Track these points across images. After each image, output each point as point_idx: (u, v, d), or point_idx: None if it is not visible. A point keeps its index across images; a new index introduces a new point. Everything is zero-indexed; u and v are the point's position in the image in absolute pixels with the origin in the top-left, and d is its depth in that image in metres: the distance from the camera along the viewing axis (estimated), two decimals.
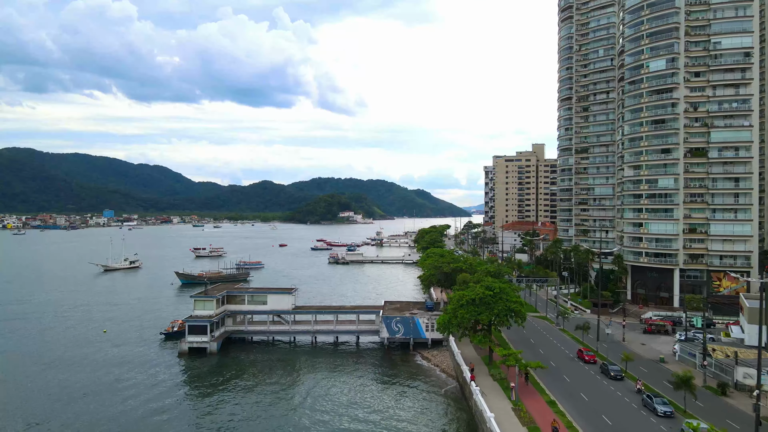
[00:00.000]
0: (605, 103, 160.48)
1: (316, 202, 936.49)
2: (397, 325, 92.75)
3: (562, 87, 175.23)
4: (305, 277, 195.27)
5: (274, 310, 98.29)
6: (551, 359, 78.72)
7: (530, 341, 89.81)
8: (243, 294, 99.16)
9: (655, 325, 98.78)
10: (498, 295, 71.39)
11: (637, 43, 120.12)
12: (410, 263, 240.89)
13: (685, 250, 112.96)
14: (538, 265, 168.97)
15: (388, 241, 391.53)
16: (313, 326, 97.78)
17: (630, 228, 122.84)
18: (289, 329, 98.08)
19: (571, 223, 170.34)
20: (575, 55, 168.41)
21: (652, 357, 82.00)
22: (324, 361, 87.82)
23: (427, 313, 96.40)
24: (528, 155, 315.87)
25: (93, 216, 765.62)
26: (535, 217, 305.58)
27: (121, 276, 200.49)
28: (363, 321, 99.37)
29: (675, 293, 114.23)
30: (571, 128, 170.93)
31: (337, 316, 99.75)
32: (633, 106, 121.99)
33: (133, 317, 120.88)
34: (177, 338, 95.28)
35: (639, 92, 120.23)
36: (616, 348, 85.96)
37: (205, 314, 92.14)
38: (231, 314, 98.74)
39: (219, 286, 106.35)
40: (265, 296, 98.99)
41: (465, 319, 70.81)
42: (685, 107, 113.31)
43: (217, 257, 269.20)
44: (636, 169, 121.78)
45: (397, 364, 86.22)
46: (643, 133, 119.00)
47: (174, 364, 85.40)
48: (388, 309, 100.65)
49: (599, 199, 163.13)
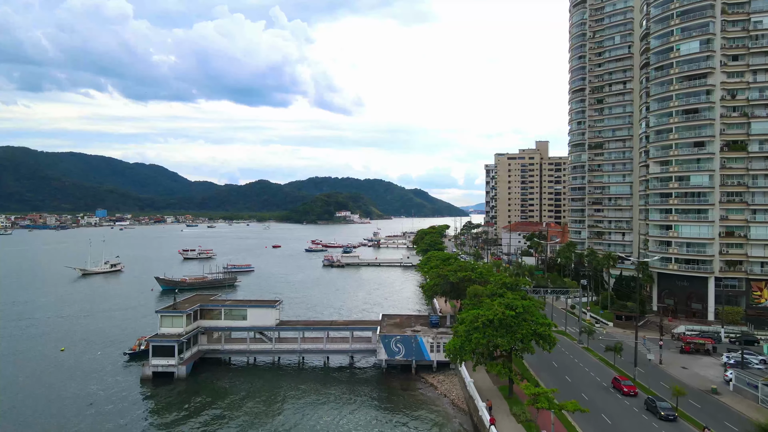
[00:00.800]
0: (622, 94, 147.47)
1: (312, 202, 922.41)
2: (397, 345, 79.70)
3: (573, 77, 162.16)
4: (296, 282, 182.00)
5: (254, 327, 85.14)
6: (582, 389, 65.80)
7: (552, 364, 76.89)
8: (219, 308, 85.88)
9: (694, 343, 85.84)
10: (521, 315, 58.40)
11: (666, 23, 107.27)
12: (409, 266, 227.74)
13: (721, 256, 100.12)
14: (542, 267, 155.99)
15: (386, 242, 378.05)
16: (300, 345, 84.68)
17: (656, 231, 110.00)
18: (273, 348, 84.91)
19: (584, 225, 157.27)
20: (588, 43, 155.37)
21: (698, 386, 69.05)
22: (312, 387, 74.87)
23: (431, 331, 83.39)
24: (531, 153, 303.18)
25: (85, 216, 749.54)
26: (539, 218, 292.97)
27: (99, 281, 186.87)
28: (358, 338, 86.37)
29: (709, 305, 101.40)
30: (583, 122, 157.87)
31: (328, 333, 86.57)
32: (660, 94, 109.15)
33: (99, 331, 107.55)
34: (144, 359, 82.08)
35: (667, 79, 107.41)
36: (654, 373, 73.15)
37: (173, 332, 78.92)
38: (206, 331, 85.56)
39: (192, 298, 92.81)
40: (244, 310, 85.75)
41: (481, 344, 57.78)
42: (722, 95, 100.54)
43: (206, 259, 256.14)
44: (664, 165, 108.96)
45: (397, 392, 73.33)
46: (673, 124, 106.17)
47: (134, 393, 72.25)
48: (386, 324, 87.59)
49: (615, 199, 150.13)
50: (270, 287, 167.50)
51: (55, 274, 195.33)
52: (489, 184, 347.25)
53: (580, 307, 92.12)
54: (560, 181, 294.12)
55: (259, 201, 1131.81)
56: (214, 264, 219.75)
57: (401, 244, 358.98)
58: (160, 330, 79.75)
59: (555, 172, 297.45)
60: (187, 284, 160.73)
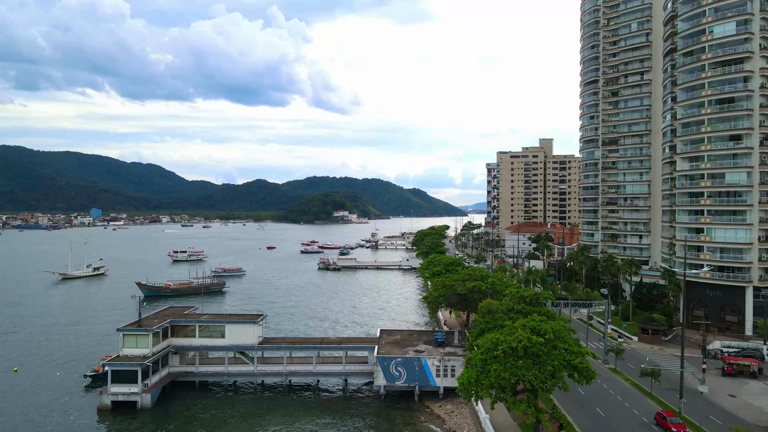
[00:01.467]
0: (639, 85, 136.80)
1: (309, 201, 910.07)
2: (398, 368, 68.69)
3: (586, 69, 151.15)
4: (289, 287, 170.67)
5: (234, 345, 74.06)
6: (619, 427, 54.96)
7: (579, 392, 65.85)
8: (193, 324, 74.64)
9: (737, 364, 74.97)
10: (551, 342, 47.45)
11: (696, 3, 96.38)
12: (409, 269, 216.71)
13: (761, 263, 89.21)
14: (545, 271, 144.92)
15: (384, 242, 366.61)
16: (287, 366, 73.65)
17: (684, 234, 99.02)
18: (255, 370, 73.82)
19: (597, 227, 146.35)
20: (602, 32, 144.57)
21: (754, 419, 58.17)
22: (299, 416, 64.26)
23: (437, 351, 72.40)
24: (535, 151, 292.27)
25: (78, 215, 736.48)
26: (543, 218, 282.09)
27: (80, 286, 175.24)
28: (353, 359, 75.41)
29: (747, 317, 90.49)
30: (597, 116, 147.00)
31: (319, 352, 75.56)
32: (690, 82, 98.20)
33: (65, 346, 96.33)
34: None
35: (698, 65, 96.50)
36: (700, 404, 62.25)
37: (137, 354, 67.83)
38: (177, 350, 74.46)
39: (163, 312, 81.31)
40: (222, 326, 74.58)
41: (502, 378, 46.77)
42: (762, 82, 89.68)
43: (197, 261, 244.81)
44: (694, 162, 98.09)
45: (397, 424, 62.50)
46: (705, 116, 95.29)
47: (88, 428, 61.21)
48: (385, 343, 76.53)
49: (631, 199, 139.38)
50: (260, 293, 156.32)
51: (33, 279, 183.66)
52: (491, 184, 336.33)
53: (607, 322, 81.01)
54: (565, 180, 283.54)
55: (256, 200, 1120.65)
56: (204, 266, 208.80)
57: (400, 245, 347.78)
58: (122, 351, 68.64)
59: (559, 170, 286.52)
60: (170, 290, 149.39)
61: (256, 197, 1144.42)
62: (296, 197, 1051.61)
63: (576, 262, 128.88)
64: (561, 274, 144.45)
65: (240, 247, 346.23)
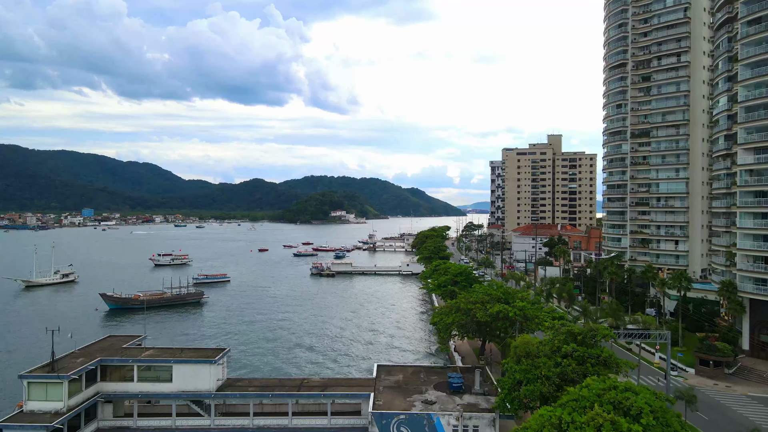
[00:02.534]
0: (675, 68, 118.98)
1: (306, 201, 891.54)
2: (401, 428, 50.87)
3: (611, 51, 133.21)
4: (276, 297, 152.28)
5: (184, 393, 56.02)
6: None
7: None
8: (130, 363, 56.51)
9: None
10: (652, 429, 29.55)
11: None
12: (409, 274, 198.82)
13: None
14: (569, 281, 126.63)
15: (382, 244, 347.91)
16: (253, 420, 55.74)
17: (748, 242, 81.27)
18: (211, 425, 55.86)
19: (625, 230, 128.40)
20: (631, 8, 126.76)
21: None
22: None
23: (452, 400, 54.49)
24: (543, 148, 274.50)
25: (68, 215, 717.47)
26: (552, 219, 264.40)
27: (45, 295, 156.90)
28: (341, 409, 57.52)
29: None
30: (624, 105, 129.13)
31: (297, 400, 57.64)
32: (754, 57, 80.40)
33: None
34: None
35: (766, 36, 78.74)
36: None
37: (46, 409, 49.87)
38: (110, 399, 56.47)
39: (93, 346, 62.42)
40: (168, 366, 56.48)
41: None
42: None
43: (180, 266, 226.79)
44: (760, 154, 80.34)
45: None
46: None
47: None
48: (383, 387, 58.56)
49: (665, 199, 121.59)
50: (240, 307, 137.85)
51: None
52: (495, 182, 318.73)
53: (669, 361, 63.23)
54: (575, 179, 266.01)
55: (254, 200, 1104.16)
56: (188, 272, 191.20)
57: (399, 248, 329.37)
58: (27, 406, 50.60)
59: (569, 168, 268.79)
60: (139, 302, 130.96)
61: (253, 197, 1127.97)
62: (294, 197, 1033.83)
63: (607, 273, 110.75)
64: (584, 285, 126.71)
65: (230, 249, 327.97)
